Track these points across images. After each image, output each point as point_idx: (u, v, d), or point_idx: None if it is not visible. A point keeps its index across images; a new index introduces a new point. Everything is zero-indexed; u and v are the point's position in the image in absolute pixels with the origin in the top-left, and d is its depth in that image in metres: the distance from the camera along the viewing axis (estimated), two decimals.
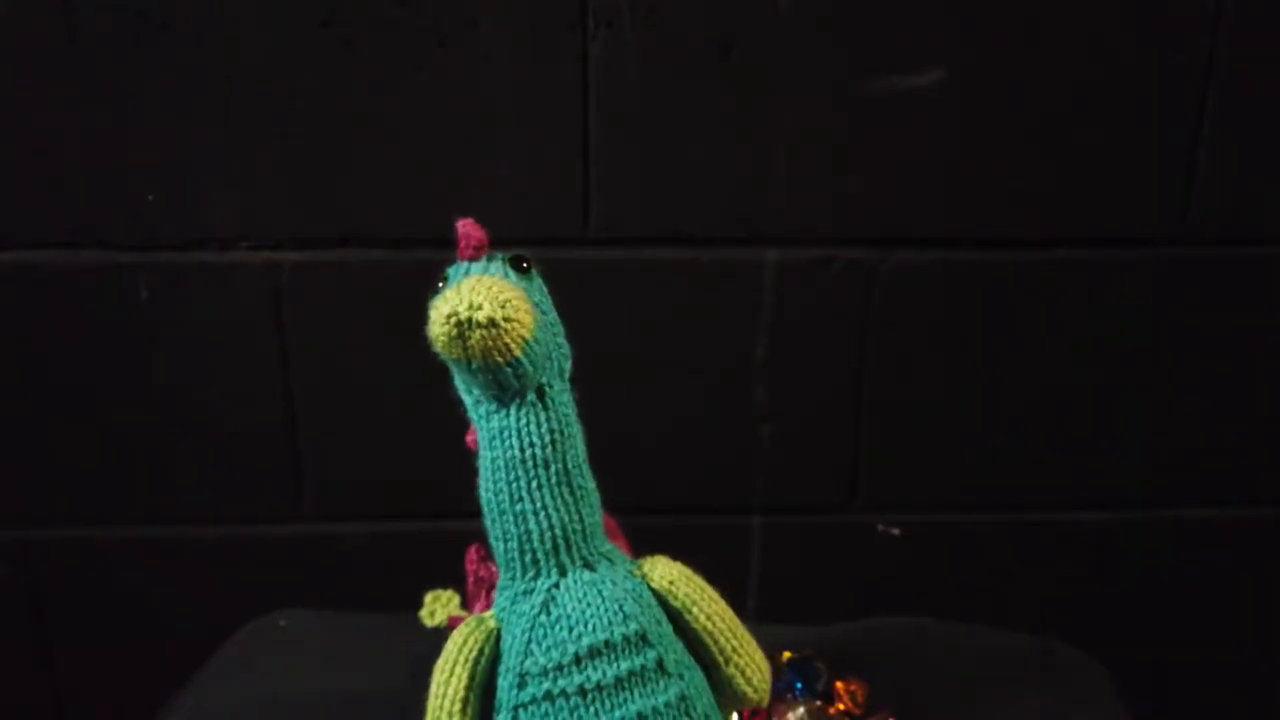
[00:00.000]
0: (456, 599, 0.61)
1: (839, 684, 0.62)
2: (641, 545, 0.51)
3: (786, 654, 0.64)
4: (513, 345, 0.40)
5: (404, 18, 0.70)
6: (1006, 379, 0.79)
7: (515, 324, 0.40)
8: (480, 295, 0.39)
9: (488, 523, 0.45)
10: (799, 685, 0.62)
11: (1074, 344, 0.79)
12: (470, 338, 0.40)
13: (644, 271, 0.76)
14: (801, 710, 0.60)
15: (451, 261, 0.46)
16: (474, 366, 0.41)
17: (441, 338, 0.40)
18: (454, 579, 0.59)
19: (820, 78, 0.72)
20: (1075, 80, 0.73)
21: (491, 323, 0.39)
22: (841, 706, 0.62)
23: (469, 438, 0.46)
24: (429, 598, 0.64)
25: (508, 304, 0.40)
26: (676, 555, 0.48)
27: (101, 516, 0.80)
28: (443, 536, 0.79)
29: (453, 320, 0.39)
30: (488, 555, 0.50)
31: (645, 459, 0.80)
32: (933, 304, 0.77)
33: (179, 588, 0.82)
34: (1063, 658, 0.69)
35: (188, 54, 0.70)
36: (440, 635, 0.51)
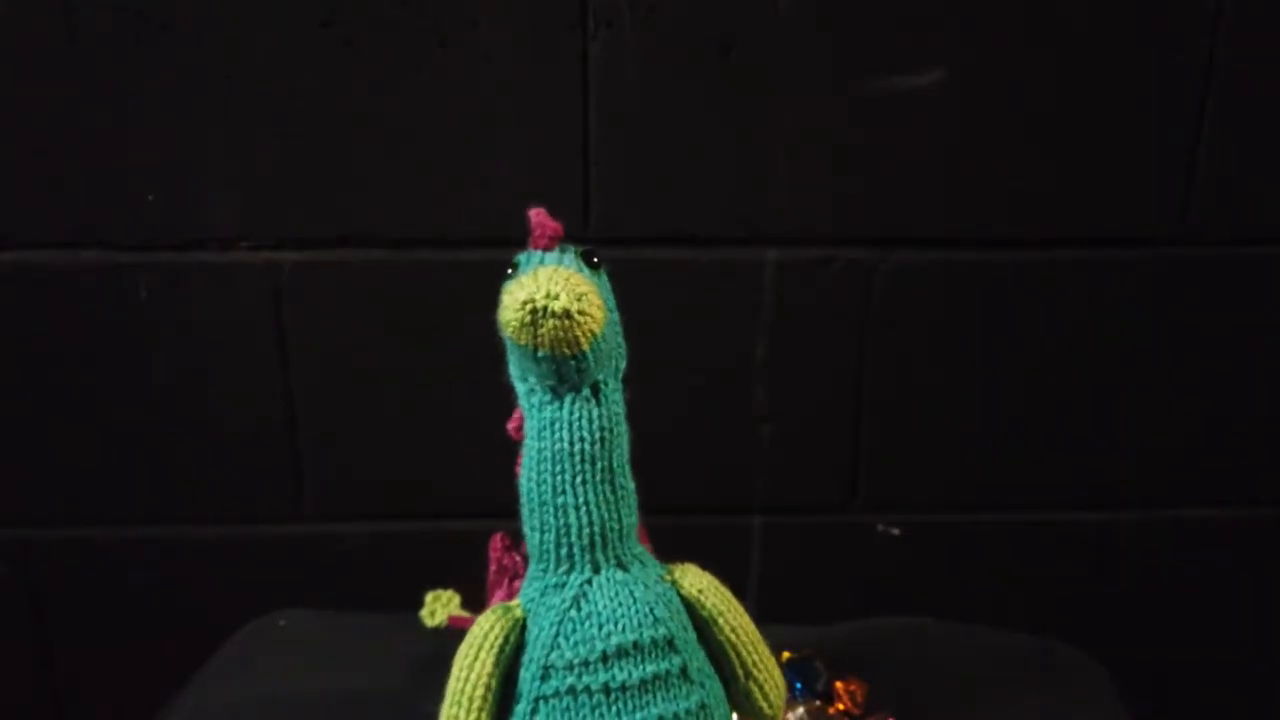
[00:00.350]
0: (457, 599, 0.61)
1: (839, 684, 0.62)
2: None
3: (786, 654, 0.64)
4: (582, 339, 0.41)
5: (404, 18, 0.70)
6: (1006, 379, 0.79)
7: (588, 318, 0.40)
8: (558, 285, 0.39)
9: (525, 512, 0.45)
10: (799, 685, 0.62)
11: (1074, 344, 0.79)
12: (543, 326, 0.40)
13: (644, 271, 0.76)
14: (801, 710, 0.60)
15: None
16: (540, 355, 0.41)
17: (514, 322, 0.40)
18: (454, 579, 0.59)
19: (820, 78, 0.72)
20: (1075, 80, 0.73)
21: (566, 314, 0.39)
22: (841, 706, 0.62)
23: (511, 425, 0.46)
24: (429, 597, 0.64)
25: (583, 297, 0.40)
26: (676, 555, 0.48)
27: (101, 516, 0.80)
28: (443, 536, 0.80)
29: (528, 307, 0.39)
30: (513, 544, 0.50)
31: (645, 459, 0.80)
32: (933, 304, 0.77)
33: (179, 588, 0.82)
34: (1063, 658, 0.69)
35: (188, 54, 0.70)
36: (441, 635, 0.51)
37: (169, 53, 0.70)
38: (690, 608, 0.46)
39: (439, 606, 0.63)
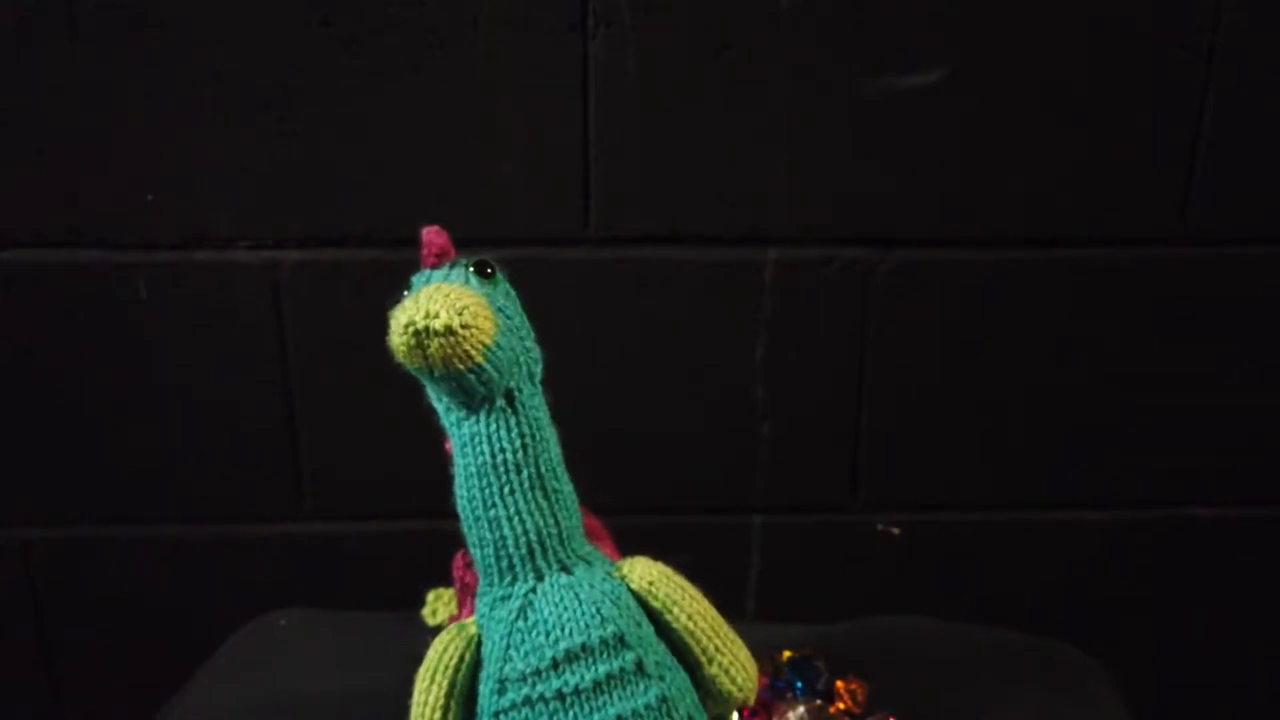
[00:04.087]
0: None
1: (839, 684, 0.62)
2: (641, 545, 0.51)
3: (786, 654, 0.64)
4: (473, 352, 0.40)
5: (404, 18, 0.70)
6: (1006, 379, 0.79)
7: (475, 330, 0.40)
8: (437, 303, 0.39)
9: (464, 530, 0.45)
10: (799, 685, 0.62)
11: (1074, 344, 0.79)
12: (429, 346, 0.39)
13: (644, 271, 0.76)
14: (801, 710, 0.60)
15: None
16: (436, 375, 0.41)
17: (401, 348, 0.40)
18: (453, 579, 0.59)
19: (820, 78, 0.72)
20: (1075, 80, 0.73)
21: (449, 330, 0.39)
22: (841, 706, 0.62)
23: (447, 447, 0.46)
24: (431, 596, 0.64)
25: (465, 310, 0.39)
26: (676, 555, 0.48)
27: (101, 516, 0.80)
28: (443, 536, 0.79)
29: (410, 330, 0.39)
30: (472, 562, 0.50)
31: (646, 458, 0.80)
32: (933, 304, 0.77)
33: (179, 588, 0.82)
34: (1063, 658, 0.69)
35: (188, 54, 0.70)
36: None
37: (169, 53, 0.70)
38: (642, 600, 0.45)
39: (440, 605, 0.63)
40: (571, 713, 0.43)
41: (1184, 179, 0.75)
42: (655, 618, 0.45)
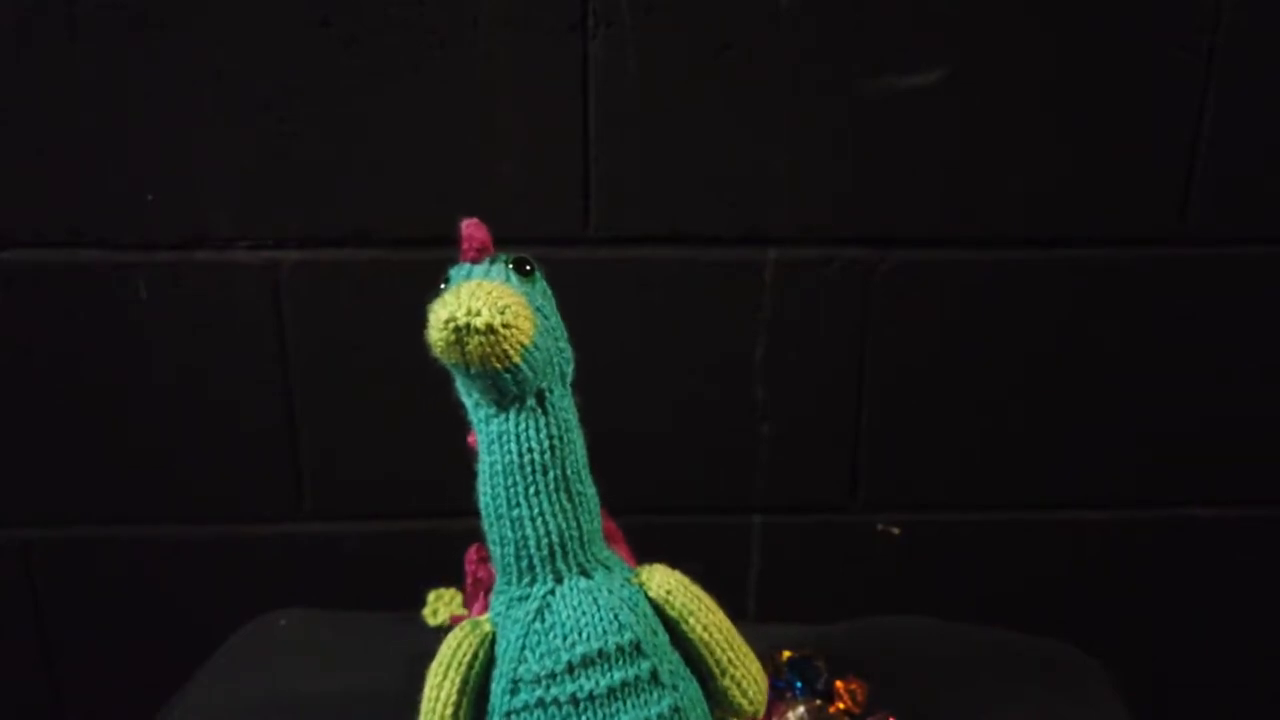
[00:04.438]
0: (459, 598, 0.61)
1: (839, 683, 0.62)
2: (642, 544, 0.51)
3: (786, 654, 0.64)
4: (511, 352, 0.40)
5: (404, 18, 0.70)
6: (1006, 379, 0.79)
7: (515, 330, 0.40)
8: (479, 301, 0.39)
9: (485, 527, 0.45)
10: (799, 685, 0.62)
11: (1074, 344, 0.79)
12: (468, 344, 0.39)
13: (644, 271, 0.76)
14: (801, 710, 0.60)
15: (452, 259, 0.46)
16: (472, 372, 0.41)
17: (440, 343, 0.39)
18: (454, 578, 0.59)
19: (820, 78, 0.72)
20: (1075, 80, 0.73)
21: (490, 329, 0.39)
22: (841, 706, 0.62)
23: (470, 439, 0.46)
24: (432, 596, 0.64)
25: (507, 310, 0.39)
26: (676, 555, 0.48)
27: (101, 516, 0.80)
28: (443, 536, 0.80)
29: (450, 326, 0.39)
30: (487, 556, 0.50)
31: (645, 459, 0.80)
32: (932, 304, 0.77)
33: (179, 588, 0.82)
34: (1063, 658, 0.69)
35: (187, 54, 0.70)
36: (443, 634, 0.51)
37: (169, 53, 0.70)
38: (659, 609, 0.45)
39: (441, 605, 0.63)
40: (585, 717, 0.43)
41: (1184, 179, 0.75)
42: (670, 627, 0.45)
